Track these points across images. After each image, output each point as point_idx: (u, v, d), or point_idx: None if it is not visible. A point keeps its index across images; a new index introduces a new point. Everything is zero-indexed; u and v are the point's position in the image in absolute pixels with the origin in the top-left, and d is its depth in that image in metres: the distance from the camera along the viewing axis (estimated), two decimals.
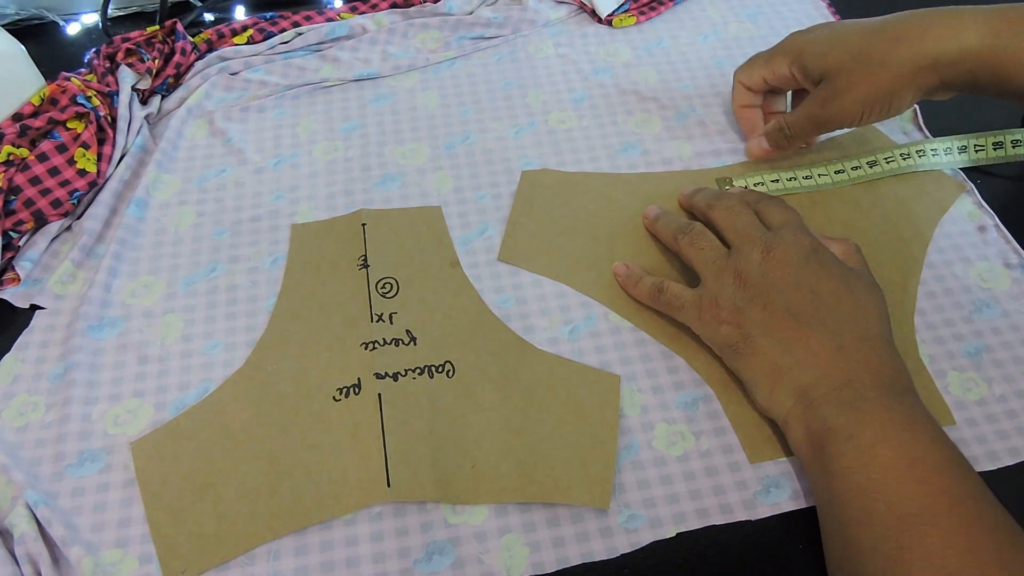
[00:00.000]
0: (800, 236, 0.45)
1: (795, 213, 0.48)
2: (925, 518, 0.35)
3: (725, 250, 0.47)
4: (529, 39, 0.67)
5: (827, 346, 0.42)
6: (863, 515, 0.37)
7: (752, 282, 0.44)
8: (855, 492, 0.37)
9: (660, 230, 0.52)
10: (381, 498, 0.42)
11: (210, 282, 0.52)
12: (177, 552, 0.41)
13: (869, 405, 0.39)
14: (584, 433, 0.44)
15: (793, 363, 0.42)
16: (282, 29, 0.66)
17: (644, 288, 0.49)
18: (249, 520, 0.42)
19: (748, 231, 0.47)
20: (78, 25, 0.69)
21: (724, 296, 0.45)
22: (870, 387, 0.40)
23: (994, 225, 0.54)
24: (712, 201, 0.51)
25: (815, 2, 0.71)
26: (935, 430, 0.39)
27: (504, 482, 0.43)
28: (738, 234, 0.47)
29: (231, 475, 0.43)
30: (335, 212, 0.55)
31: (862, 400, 0.39)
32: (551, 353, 0.48)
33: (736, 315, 0.44)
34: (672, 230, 0.50)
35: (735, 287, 0.44)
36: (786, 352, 0.42)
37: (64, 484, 0.43)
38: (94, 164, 0.55)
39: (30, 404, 0.46)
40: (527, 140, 0.60)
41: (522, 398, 0.46)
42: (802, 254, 0.44)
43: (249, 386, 0.46)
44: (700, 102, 0.63)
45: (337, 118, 0.62)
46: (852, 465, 0.38)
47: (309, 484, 0.43)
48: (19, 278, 0.51)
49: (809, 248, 0.45)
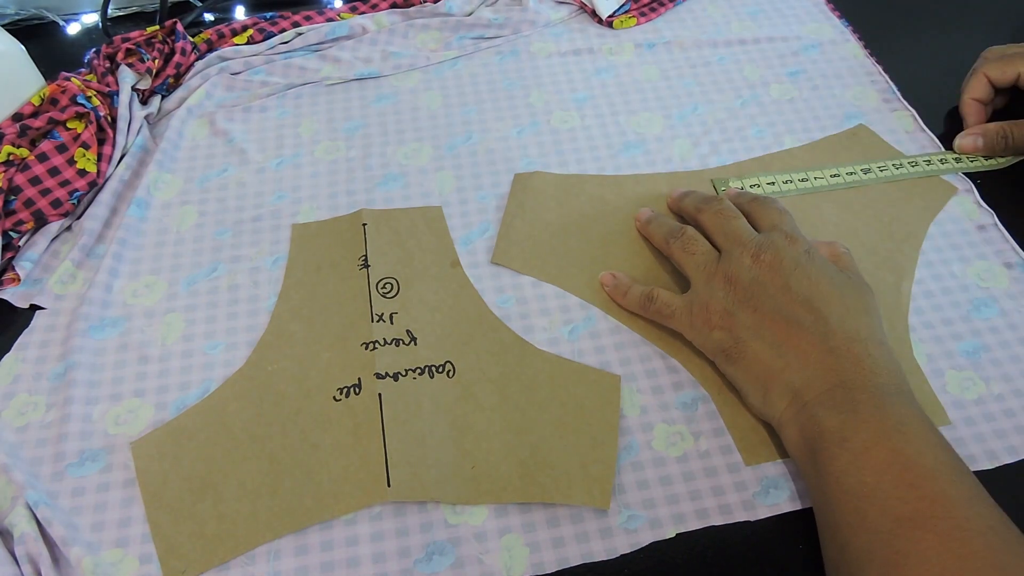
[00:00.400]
0: (790, 239, 0.45)
1: (787, 215, 0.48)
2: (920, 522, 0.35)
3: (716, 254, 0.47)
4: (531, 39, 0.67)
5: (818, 348, 0.42)
6: (858, 519, 0.37)
7: (742, 286, 0.44)
8: (849, 496, 0.37)
9: (652, 233, 0.52)
10: (381, 498, 0.42)
11: (211, 282, 0.52)
12: (177, 552, 0.41)
13: (862, 407, 0.39)
14: (584, 433, 0.45)
15: (785, 365, 0.42)
16: (282, 29, 0.66)
17: (633, 298, 0.49)
18: (249, 520, 0.42)
19: (738, 235, 0.47)
20: (78, 25, 0.69)
21: (715, 300, 0.45)
22: (863, 388, 0.40)
23: (993, 224, 0.55)
24: (701, 205, 0.51)
25: (816, 1, 0.71)
26: (929, 431, 0.39)
27: (504, 482, 0.43)
28: (728, 238, 0.47)
29: (231, 475, 0.43)
30: (337, 212, 0.55)
31: (855, 402, 0.39)
32: (551, 353, 0.48)
33: (727, 319, 0.44)
34: (663, 234, 0.50)
35: (725, 291, 0.45)
36: (778, 355, 0.42)
37: (64, 484, 0.43)
38: (94, 164, 0.55)
39: (30, 404, 0.46)
40: (529, 140, 0.60)
41: (522, 398, 0.46)
42: (792, 257, 0.44)
43: (249, 386, 0.47)
44: (702, 100, 0.63)
45: (339, 118, 0.62)
46: (846, 468, 0.38)
47: (309, 484, 0.43)
48: (19, 278, 0.51)
49: (799, 251, 0.45)
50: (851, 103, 0.63)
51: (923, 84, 0.64)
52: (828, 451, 0.39)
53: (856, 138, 0.60)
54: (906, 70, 0.65)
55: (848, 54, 0.66)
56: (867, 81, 0.64)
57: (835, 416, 0.39)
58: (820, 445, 0.39)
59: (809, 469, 0.40)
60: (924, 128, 0.60)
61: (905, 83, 0.64)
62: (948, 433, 0.45)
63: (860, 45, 0.67)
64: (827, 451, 0.39)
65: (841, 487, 0.38)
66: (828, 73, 0.65)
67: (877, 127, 0.60)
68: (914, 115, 0.61)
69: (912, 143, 0.60)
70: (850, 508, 0.37)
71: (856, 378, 0.40)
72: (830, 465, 0.38)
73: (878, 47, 0.67)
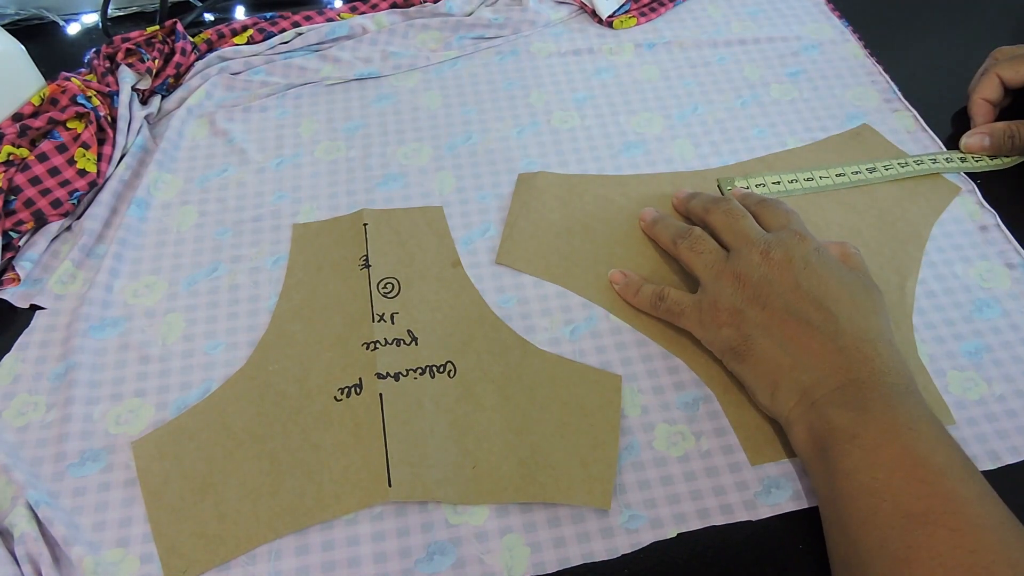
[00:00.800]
0: (799, 238, 0.45)
1: (795, 215, 0.48)
2: (931, 518, 0.35)
3: (724, 253, 0.47)
4: (531, 39, 0.67)
5: (828, 346, 0.42)
6: (869, 515, 0.37)
7: (751, 283, 0.44)
8: (860, 492, 0.37)
9: (658, 234, 0.52)
10: (382, 498, 0.42)
11: (212, 282, 0.52)
12: (178, 552, 0.41)
13: (872, 404, 0.39)
14: (585, 434, 0.44)
15: (794, 363, 0.42)
16: (282, 29, 0.66)
17: (644, 297, 0.49)
18: (250, 520, 0.42)
19: (747, 233, 0.47)
20: (78, 25, 0.69)
21: (723, 298, 0.45)
22: (872, 387, 0.40)
23: (996, 224, 0.54)
24: (709, 205, 0.50)
25: (816, 1, 0.71)
26: (939, 430, 0.39)
27: (506, 482, 0.43)
28: (736, 237, 0.47)
29: (232, 475, 0.43)
30: (337, 212, 0.55)
31: (865, 400, 0.39)
32: (552, 353, 0.48)
33: (736, 316, 0.44)
34: (670, 234, 0.50)
35: (734, 289, 0.45)
36: (787, 352, 0.42)
37: (65, 483, 0.43)
38: (94, 164, 0.55)
39: (31, 404, 0.46)
40: (529, 140, 0.60)
41: (523, 398, 0.46)
42: (801, 255, 0.44)
43: (250, 386, 0.46)
44: (703, 100, 0.63)
45: (339, 118, 0.62)
46: (857, 465, 0.38)
47: (310, 484, 0.43)
48: (19, 278, 0.51)
49: (808, 249, 0.45)
50: (852, 103, 0.62)
51: (924, 84, 0.64)
52: (839, 448, 0.39)
53: (860, 138, 0.60)
54: (906, 70, 0.65)
55: (848, 54, 0.66)
56: (867, 81, 0.64)
57: (845, 414, 0.39)
58: (830, 442, 0.39)
59: (817, 467, 0.40)
60: (925, 128, 0.60)
61: (905, 83, 0.64)
62: (951, 433, 0.44)
63: (860, 45, 0.67)
64: (837, 448, 0.39)
65: (852, 483, 0.38)
66: (828, 73, 0.65)
67: (878, 127, 0.60)
68: (915, 115, 0.61)
69: (914, 143, 0.60)
70: (861, 504, 0.37)
71: (866, 377, 0.40)
72: (841, 462, 0.38)
73: (878, 47, 0.67)
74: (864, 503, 0.37)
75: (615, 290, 0.51)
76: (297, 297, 0.50)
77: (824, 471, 0.39)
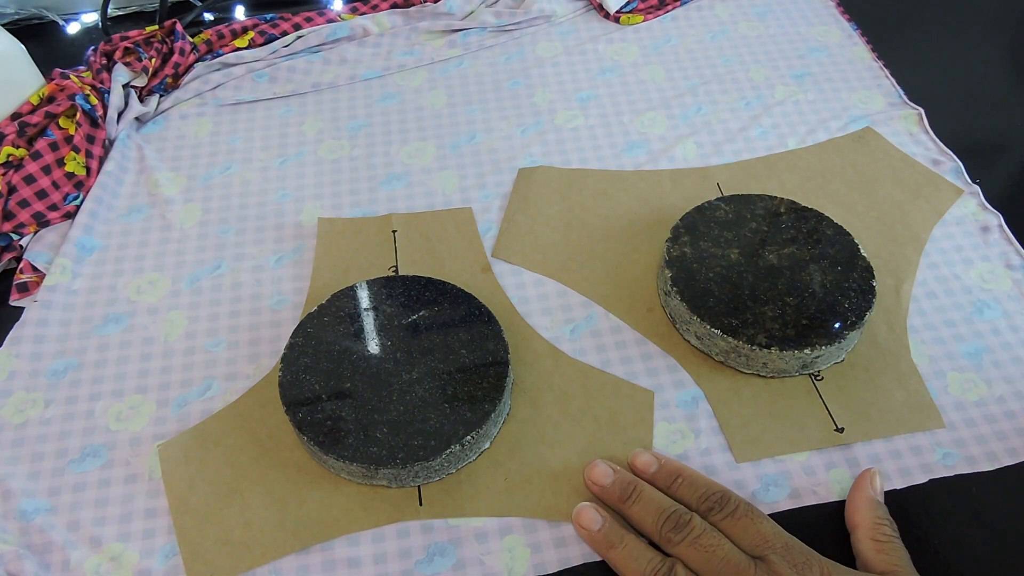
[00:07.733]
0: (796, 569, 0.37)
1: (765, 519, 0.40)
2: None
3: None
4: (536, 38, 0.67)
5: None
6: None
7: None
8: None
9: (622, 559, 0.39)
10: (413, 516, 0.41)
11: (215, 279, 0.52)
12: (203, 557, 0.40)
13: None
14: (618, 451, 0.44)
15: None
16: (283, 31, 0.66)
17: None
18: (277, 528, 0.41)
19: (735, 570, 0.38)
20: (78, 25, 0.69)
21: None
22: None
23: (998, 226, 0.54)
24: (670, 534, 0.39)
25: (824, 1, 0.71)
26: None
27: (538, 496, 0.42)
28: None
29: (258, 482, 0.43)
30: (341, 211, 0.55)
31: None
32: (584, 363, 0.47)
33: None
34: (636, 559, 0.39)
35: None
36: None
37: (66, 479, 0.43)
38: (83, 167, 0.55)
39: (29, 401, 0.46)
40: (533, 139, 0.60)
41: (555, 410, 0.45)
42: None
43: (277, 392, 0.46)
44: (707, 100, 0.63)
45: (343, 117, 0.62)
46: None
47: (338, 496, 0.42)
48: (20, 277, 0.51)
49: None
50: (857, 106, 0.62)
51: (929, 88, 0.64)
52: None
53: (862, 141, 0.60)
54: (912, 73, 0.65)
55: (855, 57, 0.66)
56: (873, 84, 0.64)
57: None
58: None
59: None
60: (928, 131, 0.60)
61: (911, 86, 0.64)
62: (949, 435, 0.45)
63: (868, 48, 0.67)
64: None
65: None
66: (834, 76, 0.65)
67: (882, 130, 0.60)
68: (920, 115, 0.61)
69: (917, 146, 0.59)
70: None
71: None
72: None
73: (884, 50, 0.67)
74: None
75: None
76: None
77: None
